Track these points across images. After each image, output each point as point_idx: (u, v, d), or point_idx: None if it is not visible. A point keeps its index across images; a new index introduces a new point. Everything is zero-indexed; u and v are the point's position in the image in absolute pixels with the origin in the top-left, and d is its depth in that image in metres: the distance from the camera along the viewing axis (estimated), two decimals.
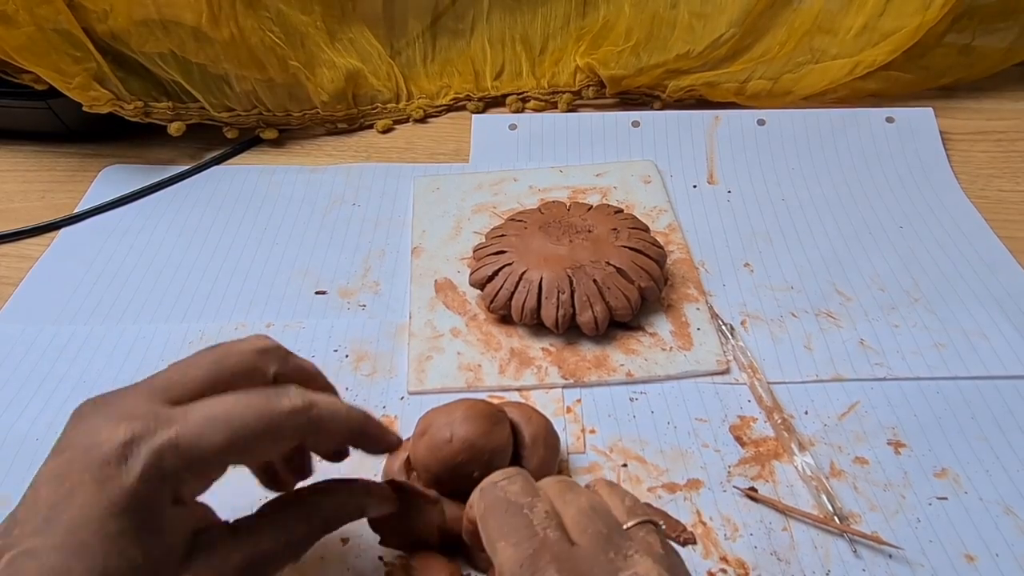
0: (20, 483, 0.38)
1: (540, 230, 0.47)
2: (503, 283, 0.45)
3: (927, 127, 0.59)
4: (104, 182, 0.59)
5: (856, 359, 0.43)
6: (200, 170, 0.60)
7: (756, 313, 0.47)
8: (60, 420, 0.41)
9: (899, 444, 0.39)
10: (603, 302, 0.43)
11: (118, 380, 0.44)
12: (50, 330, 0.47)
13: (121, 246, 0.53)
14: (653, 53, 0.62)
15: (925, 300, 0.47)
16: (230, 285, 0.50)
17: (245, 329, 0.47)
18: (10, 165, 0.62)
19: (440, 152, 0.62)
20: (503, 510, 0.27)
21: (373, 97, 0.64)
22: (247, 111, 0.61)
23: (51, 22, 0.53)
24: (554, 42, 0.66)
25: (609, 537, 0.26)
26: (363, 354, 0.45)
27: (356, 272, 0.51)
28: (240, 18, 0.56)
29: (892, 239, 0.51)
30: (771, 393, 0.41)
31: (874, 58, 0.60)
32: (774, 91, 0.62)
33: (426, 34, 0.66)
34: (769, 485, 0.38)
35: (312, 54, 0.61)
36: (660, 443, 0.40)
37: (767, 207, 0.55)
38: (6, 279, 0.51)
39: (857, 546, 0.35)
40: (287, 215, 0.55)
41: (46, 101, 0.58)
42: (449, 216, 0.54)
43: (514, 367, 0.43)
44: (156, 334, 0.47)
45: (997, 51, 0.63)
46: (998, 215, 0.53)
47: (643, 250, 0.45)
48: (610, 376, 0.43)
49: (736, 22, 0.61)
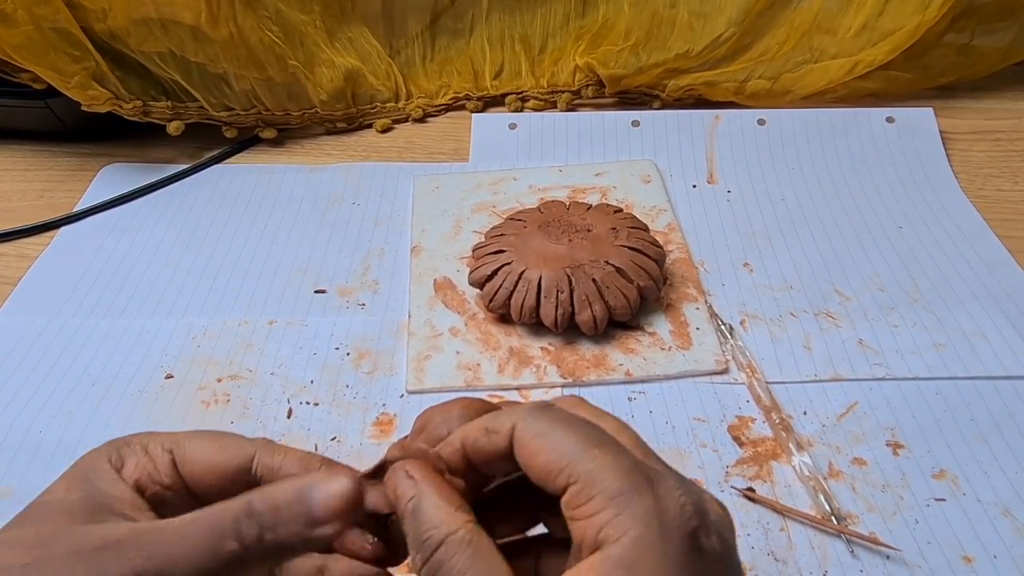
0: (21, 477, 0.39)
1: (539, 229, 0.47)
2: (502, 282, 0.45)
3: (927, 127, 0.59)
4: (103, 181, 0.59)
5: (855, 359, 0.43)
6: (199, 169, 0.60)
7: (755, 313, 0.47)
8: (62, 413, 0.42)
9: (897, 445, 0.39)
10: (602, 301, 0.43)
11: (120, 374, 0.44)
12: (56, 323, 0.47)
13: (120, 245, 0.53)
14: (652, 52, 0.62)
15: (924, 300, 0.47)
16: (230, 284, 0.50)
17: (248, 326, 0.47)
18: (9, 164, 0.62)
19: (439, 151, 0.62)
20: (577, 423, 0.23)
21: (372, 96, 0.64)
22: (246, 110, 0.61)
23: (50, 21, 0.53)
24: (553, 41, 0.66)
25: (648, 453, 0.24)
26: (364, 352, 0.45)
27: (356, 271, 0.51)
28: (239, 17, 0.56)
29: (892, 239, 0.51)
30: (770, 393, 0.41)
31: (873, 58, 0.60)
32: (774, 91, 0.62)
33: (425, 33, 0.66)
34: (767, 485, 0.38)
35: (311, 53, 0.61)
36: (658, 443, 0.40)
37: (767, 207, 0.55)
38: (5, 278, 0.51)
39: (855, 547, 0.35)
40: (286, 214, 0.55)
41: (45, 100, 0.58)
42: (449, 215, 0.54)
43: (513, 366, 0.43)
44: (160, 328, 0.47)
45: (996, 51, 0.63)
46: (997, 215, 0.53)
47: (642, 249, 0.45)
48: (609, 375, 0.43)
49: (735, 21, 0.61)
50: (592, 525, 0.21)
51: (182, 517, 0.23)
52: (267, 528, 0.23)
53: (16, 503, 0.38)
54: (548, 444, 0.23)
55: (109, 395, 0.43)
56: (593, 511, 0.21)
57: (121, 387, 0.43)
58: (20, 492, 0.38)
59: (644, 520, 0.21)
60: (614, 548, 0.21)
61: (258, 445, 0.27)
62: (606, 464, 0.22)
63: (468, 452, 0.25)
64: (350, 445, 0.40)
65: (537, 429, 0.23)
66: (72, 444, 0.40)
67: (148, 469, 0.26)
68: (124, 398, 0.43)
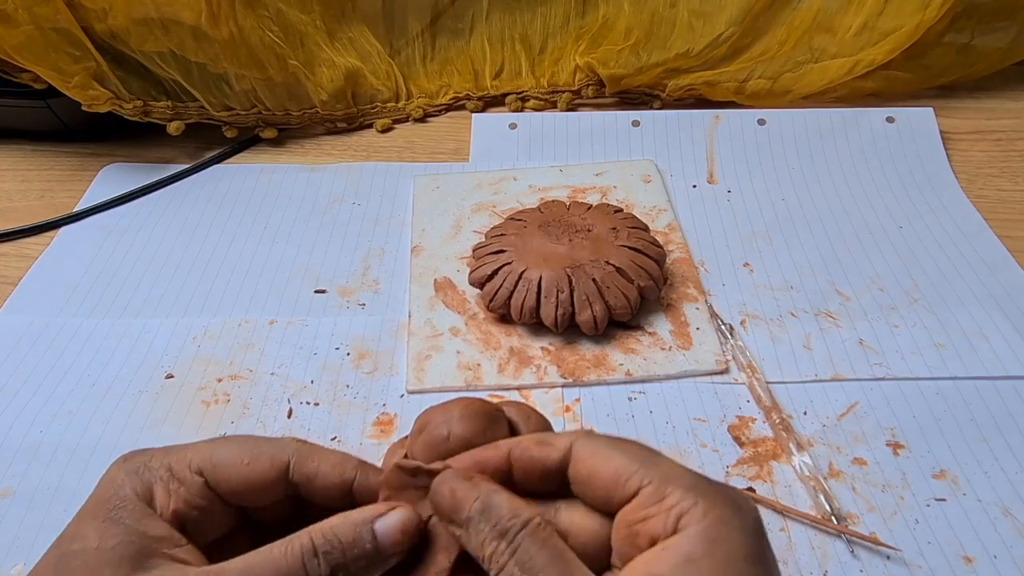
0: (21, 477, 0.39)
1: (540, 229, 0.47)
2: (502, 282, 0.45)
3: (927, 127, 0.59)
4: (104, 181, 0.59)
5: (855, 359, 0.43)
6: (200, 169, 0.60)
7: (755, 313, 0.47)
8: (62, 413, 0.42)
9: (898, 445, 0.39)
10: (602, 301, 0.43)
11: (120, 374, 0.44)
12: (56, 323, 0.47)
13: (121, 245, 0.53)
14: (653, 52, 0.62)
15: (924, 300, 0.47)
16: (230, 283, 0.50)
17: (249, 326, 0.47)
18: (9, 164, 0.62)
19: (440, 151, 0.62)
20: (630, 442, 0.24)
21: (372, 96, 0.64)
22: (246, 110, 0.61)
23: (50, 21, 0.53)
24: (554, 41, 0.66)
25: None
26: (364, 352, 0.45)
27: (356, 271, 0.51)
28: (239, 17, 0.56)
29: (892, 239, 0.51)
30: (770, 393, 0.41)
31: (873, 57, 0.60)
32: (774, 90, 0.62)
33: (425, 33, 0.66)
34: (767, 485, 0.38)
35: (311, 53, 0.61)
36: (658, 443, 0.40)
37: (767, 207, 0.55)
38: (6, 278, 0.51)
39: (855, 547, 0.35)
40: (287, 214, 0.55)
41: (45, 100, 0.58)
42: (449, 215, 0.54)
43: (513, 366, 0.43)
44: (161, 328, 0.47)
45: (996, 50, 0.63)
46: (998, 215, 0.53)
47: (642, 249, 0.45)
48: (609, 375, 0.43)
49: (736, 21, 0.61)
50: (671, 518, 0.22)
51: (238, 561, 0.23)
52: (339, 567, 0.23)
53: (16, 503, 0.38)
54: (614, 454, 0.24)
55: (109, 395, 0.43)
56: (672, 503, 0.22)
57: (121, 387, 0.43)
58: (20, 492, 0.38)
59: (722, 503, 0.22)
60: (696, 526, 0.21)
61: (290, 450, 0.26)
62: (675, 465, 0.23)
63: (514, 459, 0.25)
64: (350, 445, 0.40)
65: (596, 445, 0.24)
66: (72, 444, 0.40)
67: (183, 495, 0.25)
68: (124, 398, 0.43)
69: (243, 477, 0.25)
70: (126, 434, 0.41)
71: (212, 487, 0.25)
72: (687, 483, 0.22)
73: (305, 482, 0.26)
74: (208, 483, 0.25)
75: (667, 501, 0.22)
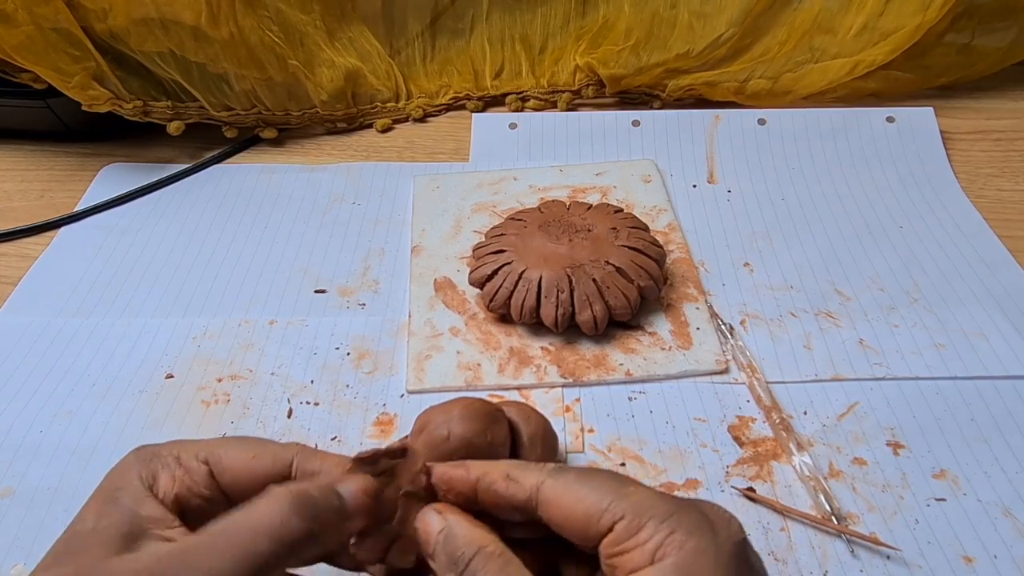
0: (21, 477, 0.39)
1: (540, 229, 0.47)
2: (502, 282, 0.45)
3: (927, 127, 0.59)
4: (104, 181, 0.59)
5: (855, 359, 0.43)
6: (200, 169, 0.60)
7: (755, 313, 0.47)
8: (62, 413, 0.42)
9: (898, 445, 0.39)
10: (602, 301, 0.43)
11: (120, 374, 0.44)
12: (56, 323, 0.47)
13: (121, 245, 0.53)
14: (653, 52, 0.62)
15: (925, 300, 0.47)
16: (230, 283, 0.50)
17: (249, 326, 0.47)
18: (9, 164, 0.62)
19: (440, 151, 0.62)
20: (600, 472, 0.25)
21: (372, 96, 0.64)
22: (246, 110, 0.61)
23: (50, 21, 0.53)
24: (554, 41, 0.66)
25: None
26: (364, 352, 0.45)
27: (356, 271, 0.51)
28: (239, 17, 0.56)
29: (892, 239, 0.51)
30: (770, 393, 0.41)
31: (874, 58, 0.60)
32: (774, 91, 0.62)
33: (425, 33, 0.66)
34: (767, 485, 0.38)
35: (311, 53, 0.61)
36: (659, 443, 0.40)
37: (767, 207, 0.55)
38: (6, 278, 0.51)
39: (855, 547, 0.35)
40: (287, 214, 0.55)
41: (45, 100, 0.58)
42: (449, 215, 0.54)
43: (513, 366, 0.43)
44: (161, 328, 0.47)
45: (997, 50, 0.63)
46: (998, 215, 0.53)
47: (643, 249, 0.45)
48: (609, 375, 0.43)
49: (736, 21, 0.61)
50: (646, 551, 0.22)
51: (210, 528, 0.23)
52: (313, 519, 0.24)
53: (16, 503, 0.38)
54: (583, 492, 0.24)
55: (109, 395, 0.43)
56: (647, 537, 0.22)
57: (121, 387, 0.43)
58: (20, 492, 0.38)
59: (698, 531, 0.22)
60: (671, 558, 0.22)
61: (293, 450, 0.27)
62: (647, 495, 0.23)
63: (480, 491, 0.26)
64: (350, 445, 0.40)
65: (565, 484, 0.24)
66: (72, 444, 0.40)
67: (187, 482, 0.26)
68: (124, 398, 0.43)
69: (247, 469, 0.26)
70: (126, 434, 0.41)
71: (216, 477, 0.26)
72: (662, 512, 0.22)
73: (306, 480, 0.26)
74: (212, 472, 0.26)
75: (642, 534, 0.22)
